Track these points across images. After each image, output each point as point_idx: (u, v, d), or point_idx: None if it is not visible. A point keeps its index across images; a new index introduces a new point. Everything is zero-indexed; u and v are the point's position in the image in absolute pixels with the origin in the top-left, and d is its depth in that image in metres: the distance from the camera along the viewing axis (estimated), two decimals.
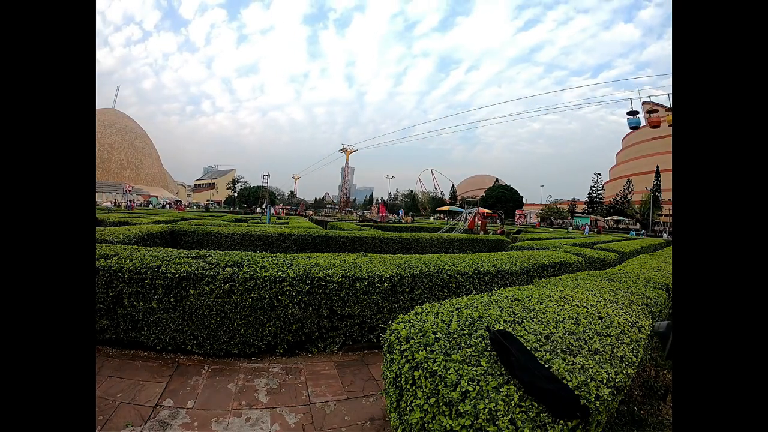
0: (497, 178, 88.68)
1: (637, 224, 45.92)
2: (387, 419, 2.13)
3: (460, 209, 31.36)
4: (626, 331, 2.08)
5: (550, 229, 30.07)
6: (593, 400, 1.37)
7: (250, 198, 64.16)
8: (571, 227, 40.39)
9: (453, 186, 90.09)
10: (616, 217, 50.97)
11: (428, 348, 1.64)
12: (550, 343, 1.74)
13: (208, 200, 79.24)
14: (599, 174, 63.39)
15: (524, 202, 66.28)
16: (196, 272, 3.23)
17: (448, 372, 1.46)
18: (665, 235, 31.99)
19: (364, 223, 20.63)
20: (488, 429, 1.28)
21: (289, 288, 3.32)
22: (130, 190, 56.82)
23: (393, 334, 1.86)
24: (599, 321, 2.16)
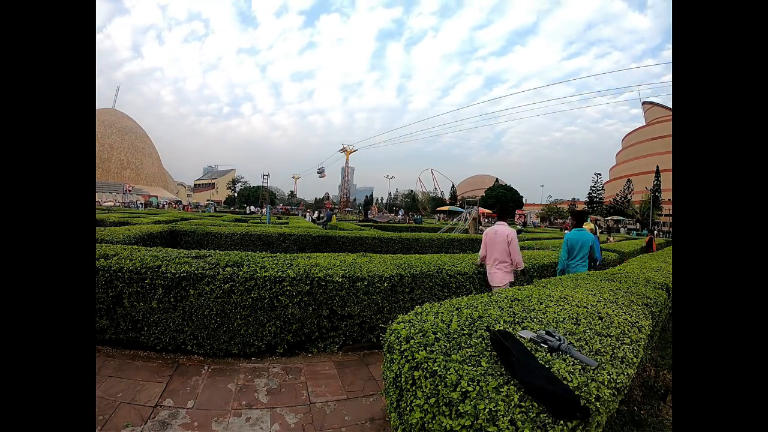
0: (497, 178, 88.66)
1: (637, 224, 45.90)
2: (387, 419, 2.13)
3: (460, 209, 31.33)
4: (626, 332, 2.08)
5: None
6: (593, 400, 1.37)
7: (250, 198, 64.16)
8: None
9: (453, 186, 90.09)
10: (616, 217, 50.94)
11: (428, 348, 1.64)
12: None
13: (208, 200, 79.26)
14: (599, 174, 63.41)
15: (524, 202, 66.26)
16: (196, 272, 3.23)
17: (448, 372, 1.46)
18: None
19: (364, 223, 20.62)
20: (488, 429, 1.28)
21: (289, 288, 3.32)
22: (130, 190, 56.83)
23: (393, 334, 1.86)
24: (599, 321, 2.16)
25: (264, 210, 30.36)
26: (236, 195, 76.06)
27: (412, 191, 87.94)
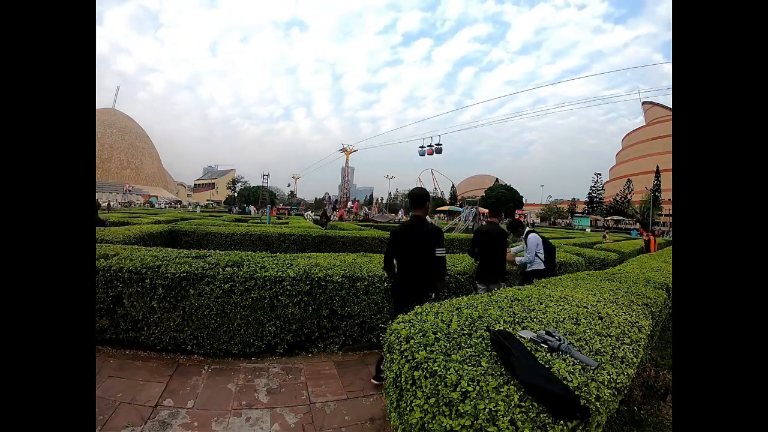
0: (497, 178, 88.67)
1: (637, 224, 45.87)
2: (387, 419, 2.13)
3: (460, 209, 31.31)
4: (626, 332, 2.08)
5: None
6: (593, 400, 1.37)
7: (250, 198, 64.15)
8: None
9: (453, 186, 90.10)
10: (616, 217, 50.94)
11: (428, 348, 1.64)
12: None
13: (208, 200, 79.22)
14: (599, 174, 63.46)
15: (524, 202, 66.22)
16: (196, 272, 3.23)
17: (448, 372, 1.46)
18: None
19: (364, 223, 20.64)
20: (488, 429, 1.28)
21: (289, 288, 3.32)
22: (130, 190, 56.81)
23: (393, 334, 1.86)
24: (599, 321, 2.16)
25: (263, 210, 30.28)
26: (236, 195, 76.02)
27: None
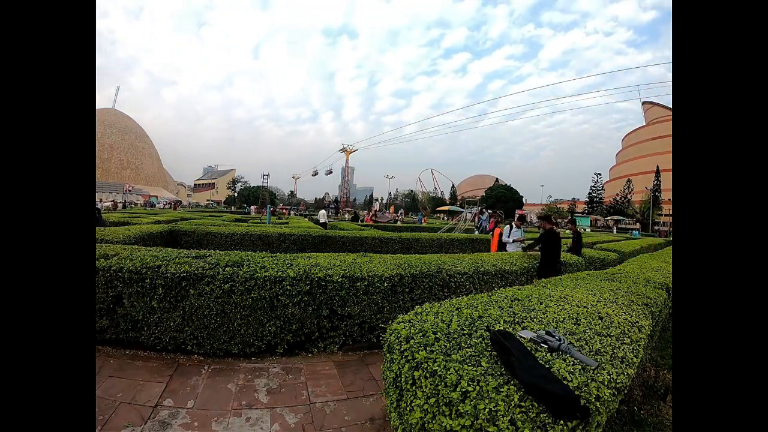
0: (497, 178, 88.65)
1: (637, 224, 45.86)
2: (387, 419, 2.13)
3: (460, 209, 31.29)
4: (626, 331, 2.08)
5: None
6: (593, 400, 1.37)
7: (250, 198, 64.16)
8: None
9: (453, 186, 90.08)
10: (616, 217, 50.92)
11: (428, 348, 1.64)
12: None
13: (208, 200, 79.23)
14: (599, 174, 63.44)
15: (524, 202, 66.23)
16: (196, 272, 3.22)
17: (448, 372, 1.46)
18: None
19: (364, 223, 20.65)
20: (488, 429, 1.28)
21: (289, 288, 3.32)
22: (130, 190, 56.83)
23: (393, 334, 1.86)
24: (599, 321, 2.16)
25: (262, 209, 30.29)
26: (236, 195, 76.05)
27: (412, 191, 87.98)
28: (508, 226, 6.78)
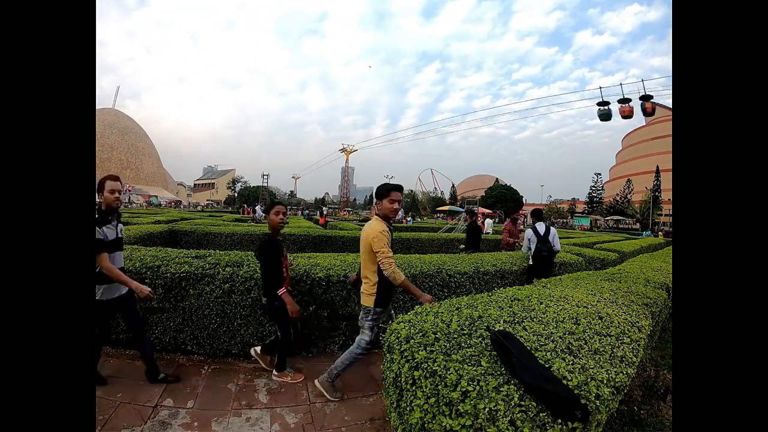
0: (497, 178, 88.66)
1: (638, 224, 45.85)
2: (387, 419, 2.12)
3: (460, 209, 31.27)
4: (626, 331, 2.08)
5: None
6: (593, 399, 1.37)
7: (250, 198, 64.18)
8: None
9: (453, 186, 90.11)
10: (616, 217, 50.94)
11: (428, 348, 1.64)
12: (551, 343, 1.74)
13: (208, 200, 79.22)
14: (599, 174, 63.50)
15: (524, 202, 66.25)
16: (196, 272, 3.23)
17: (448, 372, 1.46)
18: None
19: (364, 223, 20.65)
20: (488, 429, 1.28)
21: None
22: (130, 190, 56.82)
23: (393, 334, 1.86)
24: (599, 321, 2.16)
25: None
26: (236, 195, 76.05)
27: (412, 191, 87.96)
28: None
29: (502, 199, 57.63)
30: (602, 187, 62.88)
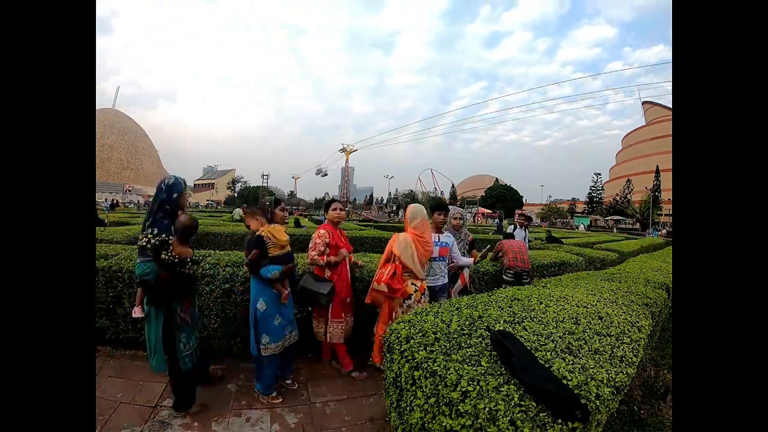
0: (497, 178, 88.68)
1: (638, 224, 45.85)
2: (387, 419, 2.13)
3: (460, 209, 31.25)
4: (626, 331, 2.08)
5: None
6: (593, 399, 1.37)
7: (250, 198, 64.16)
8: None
9: (453, 186, 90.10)
10: (616, 217, 50.94)
11: (428, 348, 1.64)
12: (551, 343, 1.74)
13: (208, 200, 79.27)
14: (599, 174, 63.50)
15: (524, 202, 66.24)
16: (195, 272, 3.22)
17: (448, 372, 1.46)
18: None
19: (364, 223, 20.66)
20: (488, 429, 1.28)
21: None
22: (129, 190, 56.87)
23: (393, 334, 1.86)
24: (599, 321, 2.16)
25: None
26: (236, 195, 76.08)
27: (412, 191, 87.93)
28: (512, 226, 6.50)
29: (502, 198, 57.65)
30: (602, 187, 62.89)
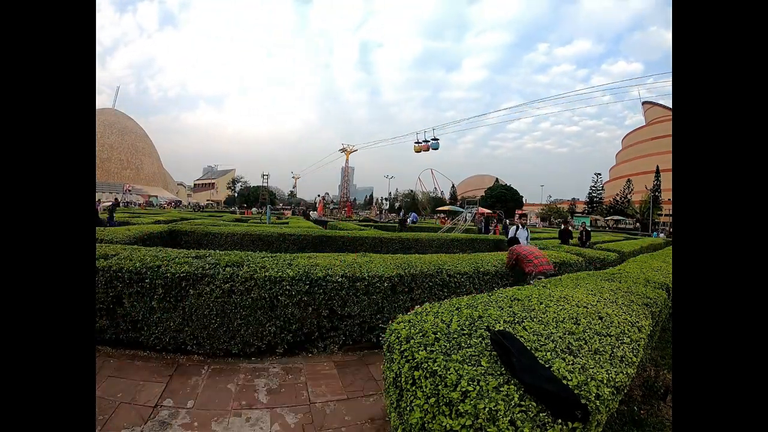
0: (497, 178, 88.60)
1: (638, 224, 45.82)
2: (387, 419, 2.12)
3: (460, 209, 31.25)
4: (626, 331, 2.08)
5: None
6: (593, 399, 1.37)
7: (250, 198, 64.17)
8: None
9: (453, 186, 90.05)
10: (616, 217, 50.92)
11: (428, 348, 1.64)
12: (551, 343, 1.74)
13: (208, 200, 79.26)
14: (599, 174, 63.41)
15: (524, 202, 66.20)
16: (196, 272, 3.22)
17: (448, 372, 1.46)
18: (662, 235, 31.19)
19: (364, 223, 20.66)
20: (488, 429, 1.28)
21: (288, 288, 3.32)
22: (129, 190, 56.85)
23: (393, 334, 1.86)
24: (599, 321, 2.16)
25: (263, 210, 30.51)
26: (236, 195, 76.08)
27: (412, 191, 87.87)
28: (514, 226, 6.74)
29: (502, 199, 57.60)
30: (602, 187, 62.83)
